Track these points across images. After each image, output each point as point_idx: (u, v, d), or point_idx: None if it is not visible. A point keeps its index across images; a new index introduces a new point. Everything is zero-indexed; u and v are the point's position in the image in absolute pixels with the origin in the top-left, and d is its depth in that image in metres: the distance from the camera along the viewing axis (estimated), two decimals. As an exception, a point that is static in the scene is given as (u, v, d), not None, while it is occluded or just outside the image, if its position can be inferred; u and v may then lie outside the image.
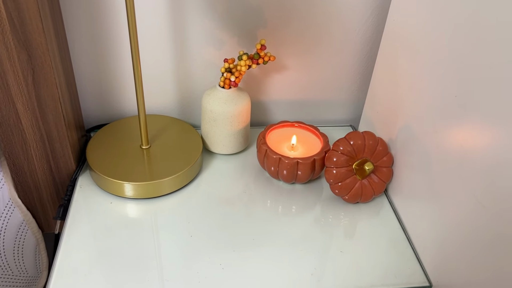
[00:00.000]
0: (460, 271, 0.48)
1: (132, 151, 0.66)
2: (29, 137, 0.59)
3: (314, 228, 0.60)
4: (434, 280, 0.53)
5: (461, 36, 0.47)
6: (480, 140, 0.44)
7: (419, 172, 0.57)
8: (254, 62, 0.64)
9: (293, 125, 0.69)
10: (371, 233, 0.60)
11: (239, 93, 0.67)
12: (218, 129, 0.67)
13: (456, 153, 0.48)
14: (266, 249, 0.56)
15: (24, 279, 0.68)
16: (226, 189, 0.65)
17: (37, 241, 0.69)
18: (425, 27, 0.54)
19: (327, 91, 0.77)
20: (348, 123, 0.82)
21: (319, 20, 0.69)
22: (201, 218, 0.60)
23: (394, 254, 0.57)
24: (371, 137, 0.61)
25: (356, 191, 0.61)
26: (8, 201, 0.64)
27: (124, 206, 0.61)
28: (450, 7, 0.49)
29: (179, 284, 0.51)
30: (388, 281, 0.53)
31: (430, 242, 0.54)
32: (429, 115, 0.54)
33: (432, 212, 0.54)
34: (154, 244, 0.56)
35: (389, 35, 0.64)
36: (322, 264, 0.55)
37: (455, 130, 0.48)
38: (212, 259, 0.54)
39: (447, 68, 0.50)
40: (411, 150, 0.58)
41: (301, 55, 0.72)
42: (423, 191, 0.56)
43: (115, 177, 0.60)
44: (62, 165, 0.63)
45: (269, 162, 0.63)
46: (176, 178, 0.62)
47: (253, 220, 0.60)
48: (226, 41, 0.69)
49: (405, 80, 0.60)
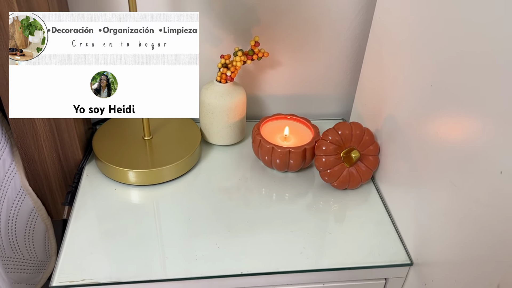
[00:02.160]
0: (438, 250, 0.52)
1: (135, 141, 0.70)
2: (40, 128, 0.63)
3: (305, 213, 0.64)
4: (415, 258, 0.57)
5: (438, 32, 0.51)
6: (452, 127, 0.48)
7: (402, 160, 0.61)
8: (249, 58, 0.68)
9: (286, 118, 0.74)
10: (359, 217, 0.64)
11: (235, 87, 0.71)
12: (215, 121, 0.71)
13: (432, 140, 0.52)
14: (260, 231, 0.60)
15: (34, 263, 0.72)
16: (223, 178, 0.69)
17: (46, 227, 0.74)
18: (407, 24, 0.58)
19: (319, 86, 0.81)
20: (340, 116, 0.86)
21: (310, 18, 0.73)
22: (200, 203, 0.64)
23: (379, 235, 0.61)
24: (358, 127, 0.65)
25: (344, 178, 0.65)
26: (19, 189, 0.68)
27: (127, 192, 0.65)
28: (429, 5, 0.53)
29: (178, 261, 0.55)
30: (372, 260, 0.58)
31: (411, 224, 0.58)
32: (409, 107, 0.58)
33: (413, 196, 0.58)
34: (155, 226, 0.60)
35: (375, 32, 0.68)
36: (311, 244, 0.59)
37: (430, 119, 0.52)
38: (208, 239, 0.58)
39: (424, 62, 0.54)
40: (395, 139, 0.62)
41: (293, 52, 0.76)
42: (405, 177, 0.60)
43: (119, 165, 0.65)
44: (70, 155, 0.67)
45: (263, 151, 0.67)
46: (176, 166, 0.66)
47: (248, 206, 0.65)
48: (223, 38, 0.73)
49: (389, 74, 0.64)
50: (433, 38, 0.51)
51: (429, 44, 0.52)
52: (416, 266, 0.57)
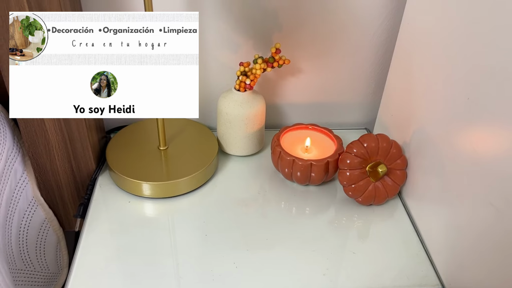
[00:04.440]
0: (472, 274, 0.48)
1: (150, 152, 0.67)
2: (52, 138, 0.61)
3: (327, 230, 0.60)
4: (447, 282, 0.53)
5: (474, 40, 0.47)
6: (492, 143, 0.44)
7: (432, 175, 0.57)
8: (269, 65, 0.65)
9: (307, 128, 0.70)
10: (384, 235, 0.60)
11: (254, 96, 0.68)
12: (233, 131, 0.69)
13: (468, 156, 0.48)
14: (280, 249, 0.57)
15: (46, 275, 0.70)
16: (241, 190, 0.66)
17: (58, 239, 0.72)
18: (438, 31, 0.54)
19: (342, 94, 0.78)
20: (363, 126, 0.83)
21: (333, 24, 0.70)
22: (216, 217, 0.61)
23: (407, 256, 0.57)
24: (384, 139, 0.62)
25: (370, 193, 0.62)
26: (31, 200, 0.66)
27: (141, 205, 0.63)
28: (463, 12, 0.49)
29: (193, 281, 0.52)
30: (400, 283, 0.54)
31: (443, 244, 0.55)
32: (442, 118, 0.54)
33: (445, 215, 0.54)
34: (170, 242, 0.57)
35: (403, 39, 0.65)
36: (334, 264, 0.55)
37: (467, 133, 0.49)
38: (226, 258, 0.55)
39: (459, 71, 0.50)
40: (425, 153, 0.59)
41: (315, 58, 0.73)
42: (436, 194, 0.56)
43: (133, 177, 0.62)
44: (83, 165, 0.65)
45: (283, 163, 0.64)
46: (192, 178, 0.64)
47: (267, 220, 0.61)
48: (242, 44, 0.70)
49: (419, 83, 0.60)
50: (469, 47, 0.48)
51: (465, 53, 0.49)
52: (448, 291, 0.53)
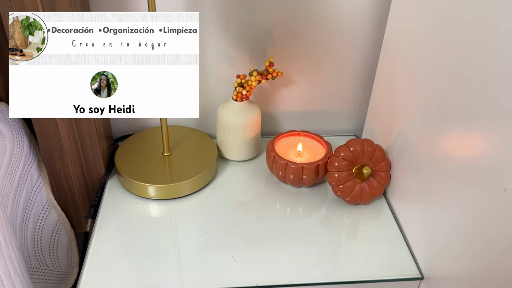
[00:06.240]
0: (448, 265, 0.53)
1: (155, 157, 0.73)
2: (65, 145, 0.67)
3: (318, 227, 0.66)
4: (426, 272, 0.59)
5: (442, 55, 0.53)
6: (460, 145, 0.50)
7: (412, 176, 0.62)
8: (263, 77, 0.71)
9: (300, 134, 0.76)
10: (370, 231, 0.66)
11: (250, 105, 0.74)
12: (231, 137, 0.74)
13: (441, 158, 0.54)
14: (274, 244, 0.62)
15: (58, 274, 0.75)
16: (239, 192, 0.72)
17: (69, 240, 0.77)
18: (416, 43, 0.60)
19: (332, 103, 0.84)
20: (352, 133, 0.88)
21: (323, 39, 0.76)
22: (216, 216, 0.67)
23: (390, 249, 0.63)
24: (369, 144, 0.67)
25: (356, 194, 0.67)
26: (45, 203, 0.72)
27: (147, 206, 0.68)
28: (437, 29, 0.55)
29: (195, 273, 0.58)
30: (383, 273, 0.59)
31: (422, 238, 0.60)
32: (419, 124, 0.60)
33: (424, 212, 0.59)
34: (173, 239, 0.63)
35: (386, 52, 0.71)
36: (323, 257, 0.61)
37: (439, 137, 0.54)
38: (225, 252, 0.61)
39: (431, 81, 0.56)
40: (406, 156, 0.64)
41: (306, 71, 0.79)
42: (416, 193, 0.61)
43: (140, 180, 0.68)
44: (93, 170, 0.71)
45: (277, 167, 0.70)
46: (194, 181, 0.69)
47: (263, 219, 0.67)
48: (239, 59, 0.77)
49: (400, 92, 0.66)
50: (441, 57, 0.53)
51: (437, 64, 0.54)
52: (426, 280, 0.58)
